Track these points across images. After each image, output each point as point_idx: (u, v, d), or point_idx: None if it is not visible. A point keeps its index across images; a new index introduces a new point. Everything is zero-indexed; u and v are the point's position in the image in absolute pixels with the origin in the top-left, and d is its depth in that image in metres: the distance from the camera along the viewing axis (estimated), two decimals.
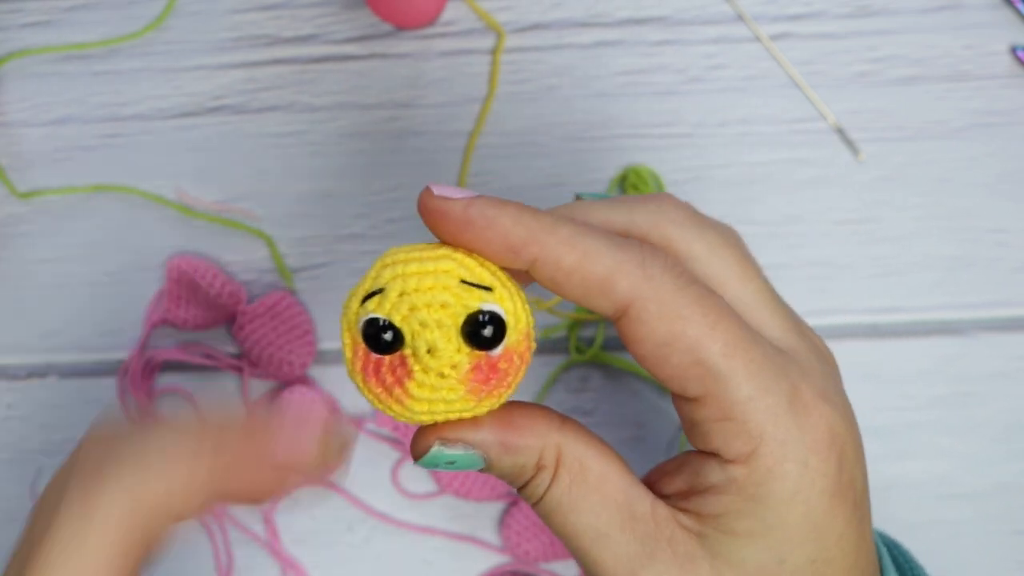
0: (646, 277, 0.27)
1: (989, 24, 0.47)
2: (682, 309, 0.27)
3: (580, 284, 0.27)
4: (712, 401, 0.27)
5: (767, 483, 0.28)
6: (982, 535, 0.44)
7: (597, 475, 0.29)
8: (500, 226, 0.26)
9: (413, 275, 0.26)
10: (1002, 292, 0.45)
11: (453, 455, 0.28)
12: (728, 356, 0.27)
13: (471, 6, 0.47)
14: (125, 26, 0.47)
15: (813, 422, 0.28)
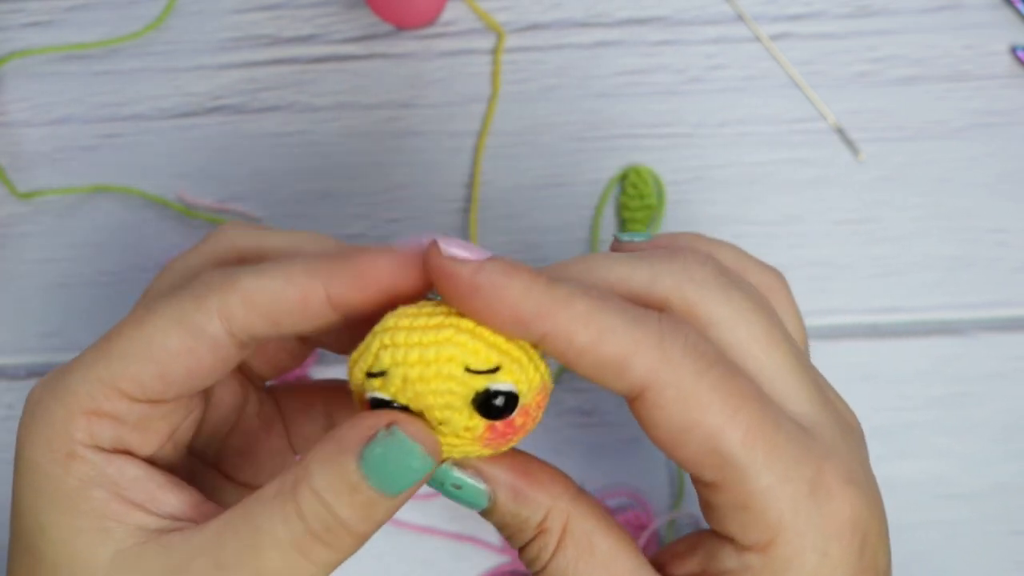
0: (664, 360, 0.25)
1: (989, 24, 0.47)
2: (701, 396, 0.25)
3: (593, 364, 0.25)
4: (729, 489, 0.26)
5: (784, 573, 0.27)
6: (980, 535, 0.44)
7: (605, 553, 0.27)
8: (509, 297, 0.25)
9: (415, 364, 0.24)
10: (1002, 292, 0.45)
11: (461, 480, 0.27)
12: (748, 445, 0.26)
13: (471, 6, 0.47)
14: (125, 26, 0.47)
15: (835, 508, 0.27)
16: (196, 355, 0.27)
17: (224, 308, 0.26)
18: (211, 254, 0.31)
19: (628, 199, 0.45)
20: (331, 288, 0.26)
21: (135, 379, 0.27)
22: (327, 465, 0.25)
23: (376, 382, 0.25)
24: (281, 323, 0.27)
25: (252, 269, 0.27)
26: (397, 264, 0.26)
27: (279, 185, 0.46)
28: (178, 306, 0.27)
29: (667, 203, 0.46)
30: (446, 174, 0.46)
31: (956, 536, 0.44)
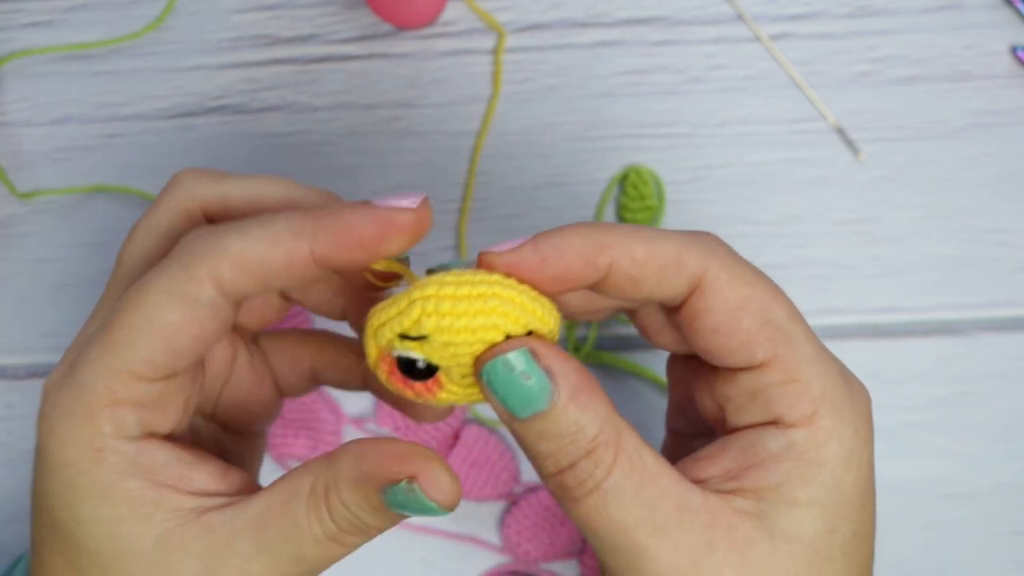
0: (709, 251, 0.28)
1: (989, 24, 0.47)
2: (749, 276, 0.29)
3: (656, 271, 0.28)
4: (779, 363, 0.28)
5: (827, 444, 0.28)
6: (981, 535, 0.44)
7: (653, 466, 0.28)
8: (572, 246, 0.27)
9: (460, 331, 0.26)
10: (1002, 292, 0.45)
11: (535, 370, 0.26)
12: (792, 319, 0.29)
13: (471, 6, 0.47)
14: (125, 26, 0.47)
15: (858, 393, 0.30)
16: (198, 323, 0.28)
17: (215, 274, 0.27)
18: (174, 209, 0.32)
19: (628, 200, 0.45)
20: (316, 248, 0.27)
21: (147, 360, 0.28)
22: (354, 488, 0.27)
23: (412, 344, 0.26)
24: (270, 282, 0.28)
25: (236, 231, 0.28)
26: (381, 224, 0.27)
27: None
28: (170, 279, 0.28)
29: (667, 203, 0.46)
30: (446, 174, 0.46)
31: (956, 536, 0.44)
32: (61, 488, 0.28)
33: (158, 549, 0.27)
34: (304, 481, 0.28)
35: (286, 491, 0.28)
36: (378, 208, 0.27)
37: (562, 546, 0.44)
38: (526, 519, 0.44)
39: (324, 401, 0.44)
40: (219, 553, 0.27)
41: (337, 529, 0.27)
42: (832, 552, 0.29)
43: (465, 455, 0.44)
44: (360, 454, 0.27)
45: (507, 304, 0.26)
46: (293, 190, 0.32)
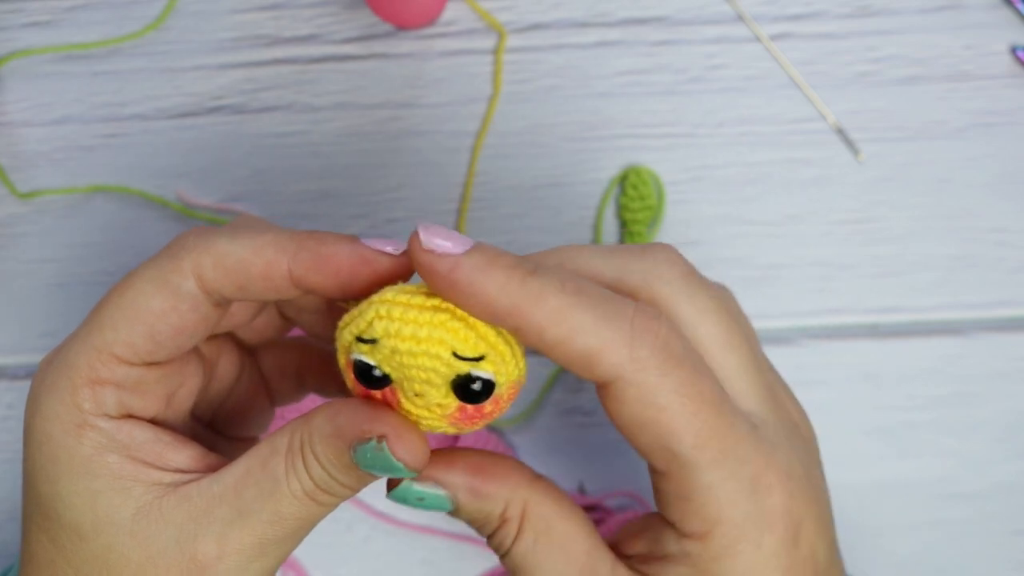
0: (632, 359, 0.26)
1: (989, 24, 0.47)
2: (660, 397, 0.27)
3: (563, 357, 0.26)
4: (674, 479, 0.28)
5: (720, 560, 0.28)
6: (982, 535, 0.44)
7: (562, 535, 0.29)
8: (484, 294, 0.26)
9: (407, 339, 0.25)
10: (1002, 292, 0.45)
11: (423, 492, 0.29)
12: (698, 447, 0.27)
13: (471, 6, 0.47)
14: (125, 26, 0.47)
15: (772, 503, 0.29)
16: (179, 313, 0.29)
17: (197, 268, 0.28)
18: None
19: (628, 200, 0.45)
20: (293, 266, 0.28)
21: (127, 343, 0.29)
22: (327, 443, 0.27)
23: (364, 347, 0.26)
24: (247, 289, 0.29)
25: (227, 233, 0.29)
26: (359, 260, 0.28)
27: (279, 185, 0.46)
28: (156, 268, 0.29)
29: (667, 203, 0.46)
30: (446, 174, 0.46)
31: (958, 536, 0.44)
32: (44, 462, 0.29)
33: (137, 520, 0.28)
34: (282, 440, 0.28)
35: (265, 450, 0.28)
36: (360, 245, 0.28)
37: None
38: None
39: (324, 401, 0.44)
40: (198, 520, 0.28)
41: (314, 485, 0.28)
42: None
43: None
44: (335, 412, 0.27)
45: (458, 321, 0.26)
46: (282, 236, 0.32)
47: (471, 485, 0.29)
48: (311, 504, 0.28)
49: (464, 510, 0.29)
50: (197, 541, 0.28)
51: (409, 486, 0.28)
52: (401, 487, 0.28)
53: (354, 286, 0.28)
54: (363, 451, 0.26)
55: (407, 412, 0.27)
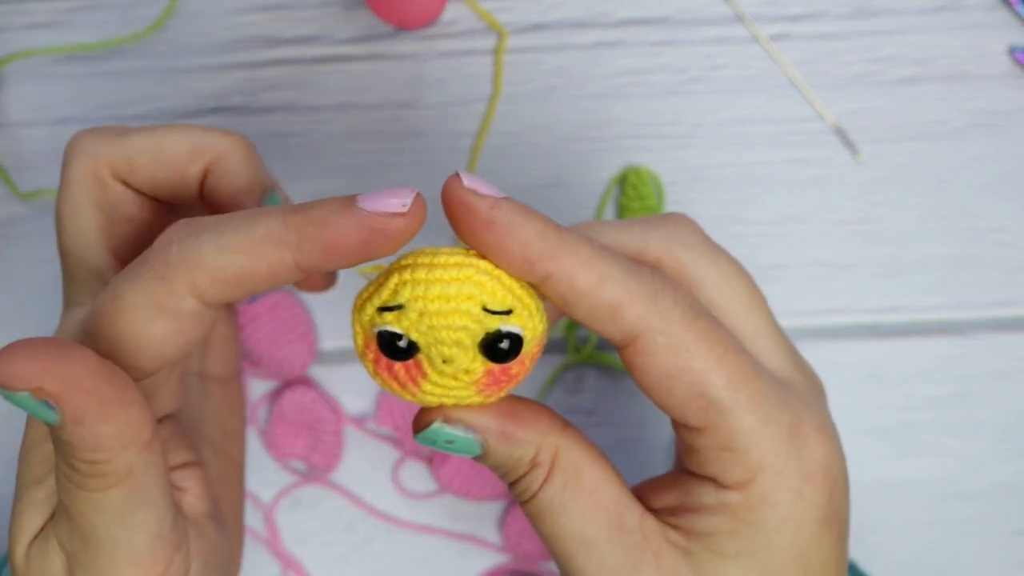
0: (657, 309, 0.27)
1: (988, 25, 0.47)
2: (690, 343, 0.27)
3: (590, 307, 0.27)
4: (713, 432, 0.28)
5: (760, 509, 0.28)
6: (982, 535, 0.44)
7: (591, 481, 0.29)
8: (523, 235, 0.26)
9: (435, 299, 0.25)
10: (1002, 292, 0.45)
11: (453, 435, 0.27)
12: (732, 388, 0.27)
13: (471, 6, 0.47)
14: (127, 27, 0.47)
15: (811, 452, 0.29)
16: (183, 331, 0.27)
17: (194, 287, 0.27)
18: (84, 178, 0.31)
19: (628, 200, 0.45)
20: (300, 260, 0.26)
21: (133, 366, 0.28)
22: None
23: (389, 316, 0.25)
24: (254, 290, 0.27)
25: (211, 239, 0.26)
26: (368, 232, 0.26)
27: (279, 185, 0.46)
28: (147, 292, 0.27)
29: (667, 203, 0.46)
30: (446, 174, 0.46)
31: (957, 536, 0.44)
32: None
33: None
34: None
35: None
36: (366, 215, 0.25)
37: None
38: (526, 518, 0.44)
39: (324, 401, 0.44)
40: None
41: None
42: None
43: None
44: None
45: (484, 275, 0.26)
46: (197, 137, 0.31)
47: (503, 429, 0.28)
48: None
49: (493, 454, 0.28)
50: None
51: (440, 427, 0.27)
52: (431, 429, 0.27)
53: (369, 257, 0.26)
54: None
55: (433, 386, 0.26)
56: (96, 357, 0.25)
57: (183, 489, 0.31)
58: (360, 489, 0.45)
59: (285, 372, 0.44)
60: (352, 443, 0.45)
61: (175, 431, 0.32)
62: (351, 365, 0.45)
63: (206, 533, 0.31)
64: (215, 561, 0.31)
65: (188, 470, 0.32)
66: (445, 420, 0.27)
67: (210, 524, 0.31)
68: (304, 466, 0.45)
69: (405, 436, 0.44)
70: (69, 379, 0.24)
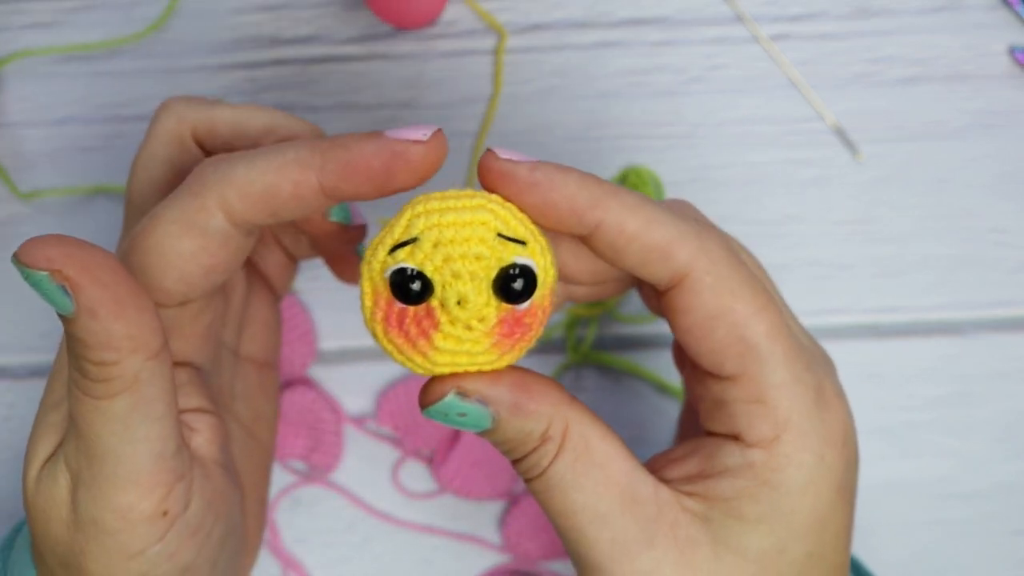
0: (704, 250, 0.27)
1: (988, 25, 0.47)
2: (735, 286, 0.28)
3: (640, 250, 0.27)
4: (747, 381, 0.28)
5: (784, 470, 0.28)
6: (982, 535, 0.44)
7: (602, 455, 0.28)
8: (567, 189, 0.26)
9: (450, 225, 0.25)
10: (1002, 292, 0.45)
11: (466, 407, 0.27)
12: (771, 338, 0.28)
13: (471, 6, 0.47)
14: (126, 27, 0.47)
15: (833, 418, 0.29)
16: (209, 252, 0.28)
17: (223, 203, 0.28)
18: (167, 135, 0.33)
19: None
20: (323, 179, 0.27)
21: (159, 287, 0.28)
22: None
23: (403, 252, 0.25)
24: (278, 212, 0.28)
25: (245, 160, 0.28)
26: (390, 156, 0.26)
27: None
28: (180, 208, 0.28)
29: None
30: (446, 174, 0.46)
31: (957, 536, 0.44)
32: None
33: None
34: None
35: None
36: (388, 140, 0.26)
37: (562, 545, 0.44)
38: (526, 518, 0.44)
39: (324, 401, 0.44)
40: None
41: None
42: (782, 570, 0.29)
43: (465, 455, 0.44)
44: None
45: (497, 205, 0.26)
46: (277, 118, 0.32)
47: (516, 401, 0.27)
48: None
49: (504, 427, 0.28)
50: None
51: (453, 400, 0.27)
52: (444, 402, 0.27)
53: (389, 185, 0.27)
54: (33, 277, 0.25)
55: (445, 340, 0.26)
56: (116, 260, 0.26)
57: (194, 429, 0.31)
58: (360, 489, 0.45)
59: (285, 372, 0.44)
60: (352, 443, 0.45)
61: (194, 378, 0.32)
62: (351, 365, 0.45)
63: (212, 477, 0.30)
64: (221, 507, 0.30)
65: (202, 415, 0.31)
66: (459, 391, 0.27)
67: (218, 471, 0.31)
68: (304, 466, 0.45)
69: (405, 436, 0.44)
70: (88, 269, 0.25)
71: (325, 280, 0.45)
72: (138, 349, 0.26)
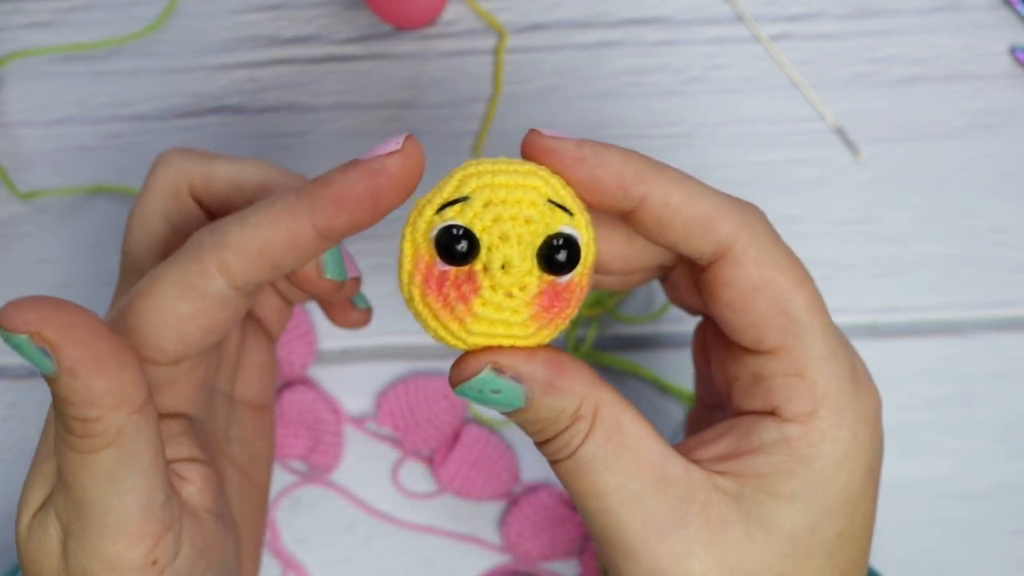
0: (747, 223, 0.28)
1: (989, 25, 0.47)
2: (778, 258, 0.28)
3: (685, 223, 0.28)
4: (786, 355, 0.28)
5: (819, 445, 0.28)
6: (982, 535, 0.44)
7: (632, 435, 0.28)
8: (613, 163, 0.27)
9: (502, 186, 0.25)
10: (1002, 292, 0.45)
11: (501, 383, 0.27)
12: (811, 311, 0.28)
13: (471, 6, 0.47)
14: (126, 27, 0.47)
15: (866, 397, 0.29)
16: (208, 314, 0.29)
17: (223, 266, 0.28)
18: (164, 189, 0.33)
19: None
20: (315, 221, 0.27)
21: (157, 347, 0.29)
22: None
23: (451, 211, 0.25)
24: (278, 265, 0.28)
25: (238, 220, 0.28)
26: (371, 177, 0.26)
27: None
28: (181, 271, 0.28)
29: None
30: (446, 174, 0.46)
31: (957, 536, 0.44)
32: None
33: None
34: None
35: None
36: (365, 163, 0.27)
37: (562, 545, 0.44)
38: (526, 518, 0.44)
39: (324, 401, 0.44)
40: None
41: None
42: (813, 549, 0.28)
43: (465, 455, 0.44)
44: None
45: (547, 174, 0.26)
46: (272, 174, 0.33)
47: (550, 379, 0.27)
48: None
49: (536, 406, 0.27)
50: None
51: (488, 376, 0.27)
52: (479, 378, 0.27)
53: (379, 207, 0.27)
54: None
55: (483, 306, 0.26)
56: (96, 318, 0.26)
57: (184, 479, 0.31)
58: (360, 489, 0.45)
59: (285, 372, 0.44)
60: (352, 443, 0.45)
61: (187, 429, 0.32)
62: (351, 365, 0.45)
63: (203, 525, 0.31)
64: (212, 555, 0.31)
65: (193, 464, 0.31)
66: (496, 367, 0.27)
67: (210, 519, 0.31)
68: (304, 466, 0.45)
69: (405, 436, 0.44)
70: (66, 329, 0.25)
71: None
72: (120, 405, 0.26)
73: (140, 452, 0.27)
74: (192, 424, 0.32)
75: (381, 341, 0.45)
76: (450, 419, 0.44)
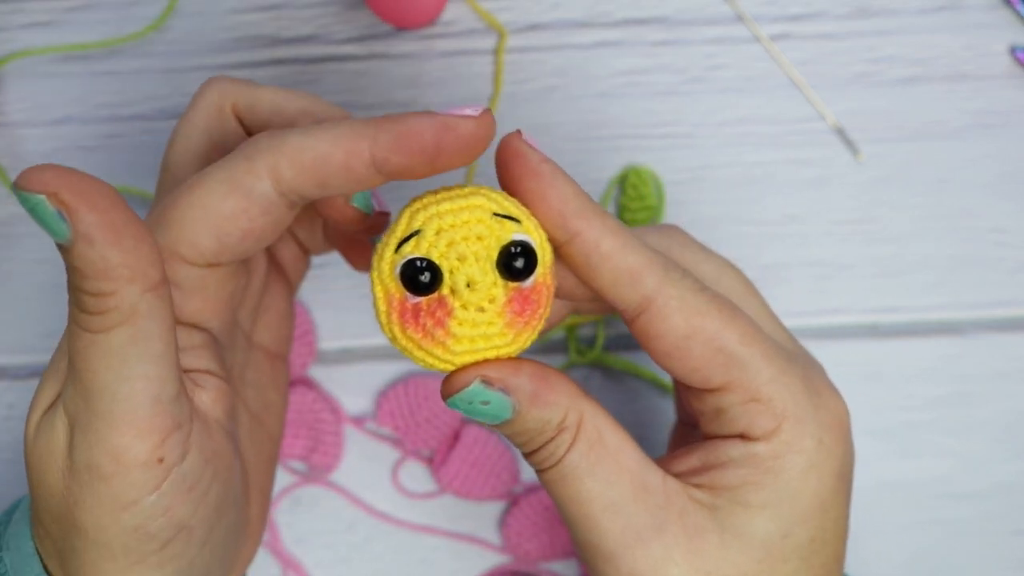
0: (670, 278, 0.29)
1: (989, 24, 0.47)
2: (701, 305, 0.29)
3: (613, 271, 0.28)
4: (737, 387, 0.29)
5: (785, 456, 0.29)
6: (982, 535, 0.44)
7: (614, 446, 0.30)
8: (563, 190, 0.28)
9: (448, 212, 0.27)
10: (1002, 292, 0.45)
11: (489, 395, 0.28)
12: (745, 344, 0.29)
13: (471, 6, 0.47)
14: (126, 27, 0.47)
15: (825, 404, 0.30)
16: (249, 216, 0.29)
17: (274, 169, 0.28)
18: (208, 106, 0.33)
19: (628, 200, 0.45)
20: (376, 149, 0.27)
21: (193, 243, 0.29)
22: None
23: (408, 246, 0.27)
24: (327, 183, 0.28)
25: (299, 131, 0.28)
26: (442, 130, 0.27)
27: None
28: (228, 169, 0.28)
29: (667, 203, 0.46)
30: (447, 174, 0.46)
31: (957, 536, 0.44)
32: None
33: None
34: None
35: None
36: (440, 115, 0.27)
37: (562, 545, 0.44)
38: (526, 519, 0.44)
39: (324, 401, 0.44)
40: None
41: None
42: (786, 554, 0.30)
43: (465, 455, 0.44)
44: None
45: (488, 191, 0.28)
46: (314, 103, 0.33)
47: (536, 391, 0.28)
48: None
49: (524, 418, 0.29)
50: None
51: (477, 388, 0.28)
52: (468, 390, 0.28)
53: (439, 160, 0.27)
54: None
55: (460, 326, 0.27)
56: (113, 189, 0.26)
57: (199, 386, 0.31)
58: (360, 489, 0.45)
59: None
60: (352, 443, 0.45)
61: (208, 343, 0.31)
62: (351, 365, 0.45)
63: (213, 435, 0.30)
64: (219, 467, 0.30)
65: (211, 377, 0.31)
66: (484, 380, 0.28)
67: (220, 432, 0.31)
68: (304, 466, 0.45)
69: (405, 436, 0.44)
70: (84, 194, 0.25)
71: (325, 280, 0.45)
72: (135, 279, 0.26)
73: (153, 336, 0.26)
74: (214, 340, 0.32)
75: (381, 341, 0.45)
76: (450, 419, 0.44)
